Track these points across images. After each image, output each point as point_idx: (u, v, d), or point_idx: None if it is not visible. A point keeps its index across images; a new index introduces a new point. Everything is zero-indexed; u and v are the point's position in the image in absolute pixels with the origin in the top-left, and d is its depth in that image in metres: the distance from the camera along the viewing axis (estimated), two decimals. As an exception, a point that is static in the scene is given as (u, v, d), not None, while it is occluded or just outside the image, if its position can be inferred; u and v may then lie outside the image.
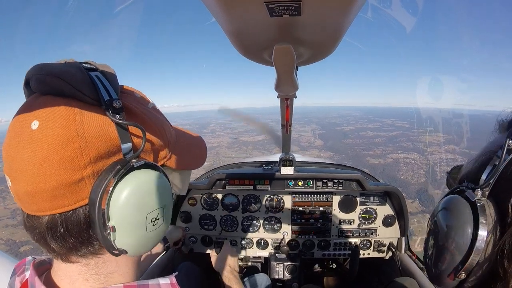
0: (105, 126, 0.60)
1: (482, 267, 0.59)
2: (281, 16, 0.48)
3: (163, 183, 0.69)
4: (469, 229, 0.60)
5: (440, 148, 64.32)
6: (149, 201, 0.65)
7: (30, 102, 0.60)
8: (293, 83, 0.86)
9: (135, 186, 0.62)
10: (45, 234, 0.61)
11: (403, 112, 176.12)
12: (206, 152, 0.97)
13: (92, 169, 0.59)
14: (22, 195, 0.59)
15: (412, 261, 2.29)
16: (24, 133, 0.57)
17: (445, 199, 0.71)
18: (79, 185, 0.59)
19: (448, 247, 0.64)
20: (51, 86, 0.58)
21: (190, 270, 2.07)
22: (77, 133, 0.56)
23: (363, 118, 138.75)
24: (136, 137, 0.65)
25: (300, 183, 2.40)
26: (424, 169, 54.32)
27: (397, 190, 2.35)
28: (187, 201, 2.55)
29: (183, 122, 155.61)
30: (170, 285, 0.72)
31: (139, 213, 0.63)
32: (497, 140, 0.68)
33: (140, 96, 0.74)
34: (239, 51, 0.68)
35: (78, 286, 0.67)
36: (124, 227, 0.62)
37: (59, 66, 0.59)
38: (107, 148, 0.61)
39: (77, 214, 0.61)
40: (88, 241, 0.63)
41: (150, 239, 0.69)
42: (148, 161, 0.67)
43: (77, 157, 0.57)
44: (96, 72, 0.64)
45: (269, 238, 2.59)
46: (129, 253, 0.65)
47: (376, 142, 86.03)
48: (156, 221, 0.68)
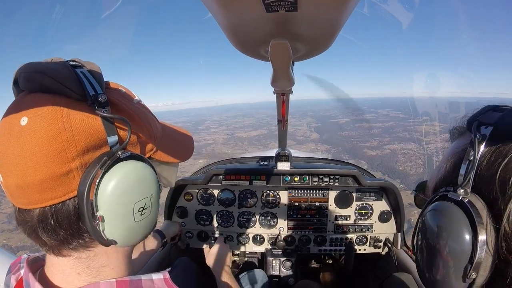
0: (91, 119, 0.62)
1: (487, 263, 0.57)
2: (277, 11, 0.48)
3: (149, 173, 0.71)
4: (467, 232, 0.58)
5: (437, 137, 64.27)
6: (135, 191, 0.67)
7: (19, 100, 0.63)
8: (289, 78, 0.87)
9: (121, 176, 0.64)
10: (36, 227, 0.62)
11: (397, 102, 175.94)
12: (193, 145, 1.00)
13: (80, 161, 0.61)
14: (13, 189, 0.61)
15: (408, 257, 2.30)
16: (14, 129, 0.58)
17: (430, 209, 0.69)
18: (67, 177, 0.61)
19: (447, 251, 0.62)
20: (39, 83, 0.60)
21: (186, 266, 2.07)
22: (64, 126, 0.59)
23: (358, 109, 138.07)
24: (122, 130, 0.68)
25: (296, 179, 2.40)
26: (422, 159, 54.22)
27: (393, 185, 2.36)
28: (183, 196, 2.55)
29: (178, 120, 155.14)
30: (163, 280, 0.73)
31: (126, 202, 0.65)
32: (458, 143, 0.71)
33: (125, 92, 0.76)
34: (235, 46, 0.69)
35: (71, 281, 0.69)
36: (112, 216, 0.64)
37: (46, 64, 0.61)
38: (94, 141, 0.63)
39: (67, 206, 0.62)
40: (79, 233, 0.65)
41: (139, 229, 0.70)
42: (134, 152, 0.69)
43: (65, 149, 0.59)
44: (81, 68, 0.66)
45: (265, 234, 2.59)
46: (118, 243, 0.67)
47: (372, 134, 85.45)
48: (144, 210, 0.69)
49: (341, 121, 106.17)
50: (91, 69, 0.67)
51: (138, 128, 0.73)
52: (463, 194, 0.60)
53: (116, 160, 0.64)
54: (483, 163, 0.60)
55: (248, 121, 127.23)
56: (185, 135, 0.98)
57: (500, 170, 0.56)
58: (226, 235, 2.60)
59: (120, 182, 0.64)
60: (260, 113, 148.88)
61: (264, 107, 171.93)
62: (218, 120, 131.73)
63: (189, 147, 0.98)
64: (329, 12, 0.53)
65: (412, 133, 76.14)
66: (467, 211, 0.59)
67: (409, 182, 44.58)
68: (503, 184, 0.56)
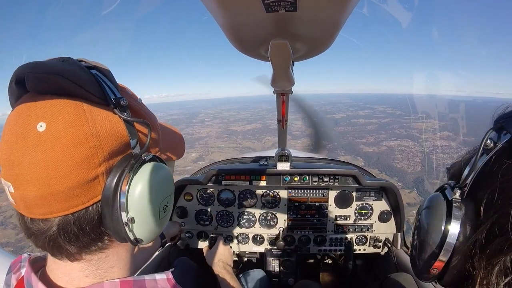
0: (115, 123, 0.62)
1: (455, 263, 0.61)
2: (277, 11, 0.48)
3: (168, 172, 0.74)
4: (442, 225, 0.62)
5: (435, 134, 64.24)
6: (161, 190, 0.70)
7: (28, 103, 0.58)
8: (289, 78, 0.88)
9: (149, 178, 0.65)
10: (56, 236, 0.61)
11: (394, 99, 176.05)
12: (184, 142, 1.03)
13: (106, 166, 0.61)
14: (32, 200, 0.58)
15: (408, 257, 2.29)
16: (30, 135, 0.55)
17: (429, 196, 0.73)
18: (93, 183, 0.60)
19: (426, 242, 0.66)
20: (54, 85, 0.57)
21: (186, 266, 2.07)
22: (91, 132, 0.58)
23: (353, 105, 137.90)
24: (140, 132, 0.69)
25: (296, 179, 2.40)
26: (419, 157, 54.28)
27: (393, 186, 2.36)
28: (183, 196, 2.54)
29: (172, 112, 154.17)
30: (166, 280, 0.74)
31: (155, 202, 0.67)
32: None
33: (131, 93, 0.77)
34: (235, 46, 0.69)
35: (77, 284, 0.68)
36: (142, 217, 0.65)
37: (59, 65, 0.58)
38: (119, 145, 0.63)
39: (90, 211, 0.62)
40: (99, 237, 0.66)
41: (161, 225, 0.73)
42: (154, 154, 0.72)
43: (93, 155, 0.58)
44: (94, 70, 0.65)
45: (265, 234, 2.59)
46: (144, 241, 0.69)
47: (369, 130, 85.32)
48: (166, 208, 0.74)
49: (336, 116, 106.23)
50: (103, 70, 0.67)
51: (152, 130, 0.73)
52: (456, 196, 0.62)
53: (142, 162, 0.66)
54: (484, 172, 0.59)
55: (244, 115, 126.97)
56: (176, 133, 1.00)
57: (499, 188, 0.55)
58: (226, 235, 2.60)
59: (148, 183, 0.65)
60: (256, 107, 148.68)
61: (259, 101, 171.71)
62: (212, 113, 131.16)
63: (182, 144, 1.00)
64: (329, 12, 0.53)
65: (409, 130, 76.21)
66: (449, 213, 0.61)
67: (407, 180, 44.19)
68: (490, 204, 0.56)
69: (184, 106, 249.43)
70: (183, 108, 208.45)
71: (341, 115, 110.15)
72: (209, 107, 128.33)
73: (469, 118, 50.60)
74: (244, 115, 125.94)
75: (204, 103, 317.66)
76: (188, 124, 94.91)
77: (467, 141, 39.37)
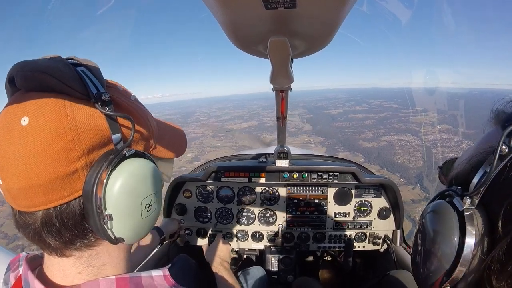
0: (96, 118, 0.62)
1: (468, 279, 0.56)
2: (276, 8, 0.48)
3: (153, 170, 0.72)
4: (456, 238, 0.56)
5: (434, 128, 63.69)
6: (142, 188, 0.68)
7: (16, 100, 0.60)
8: (288, 75, 0.88)
9: (129, 174, 0.64)
10: (40, 230, 0.62)
11: (389, 93, 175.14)
12: (185, 139, 1.02)
13: (85, 160, 0.61)
14: (15, 192, 0.59)
15: (407, 254, 2.31)
16: (14, 129, 0.57)
17: (433, 204, 0.67)
18: (73, 177, 0.60)
19: (433, 253, 0.62)
20: (39, 82, 0.58)
21: (185, 263, 2.06)
22: (69, 126, 0.58)
23: (350, 100, 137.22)
24: (124, 127, 0.68)
25: (295, 176, 2.40)
26: (420, 151, 53.72)
27: (392, 182, 2.36)
28: (182, 194, 2.54)
29: (168, 112, 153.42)
30: (163, 277, 0.74)
31: (134, 199, 0.66)
32: (490, 136, 0.63)
33: (123, 89, 0.76)
34: (234, 43, 0.68)
35: (71, 280, 0.68)
36: (121, 214, 0.64)
37: (45, 63, 0.59)
38: (99, 139, 0.62)
39: (72, 206, 0.62)
40: (83, 233, 0.65)
41: (145, 225, 0.71)
42: (138, 150, 0.70)
43: (71, 149, 0.58)
44: (81, 67, 0.65)
45: (264, 231, 2.60)
46: (126, 241, 0.68)
47: (367, 124, 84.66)
48: (150, 207, 0.71)
49: (333, 112, 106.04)
50: (91, 66, 0.67)
51: (139, 126, 0.73)
52: (467, 206, 0.56)
53: (122, 158, 0.64)
54: (499, 179, 0.53)
55: (239, 113, 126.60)
56: (177, 129, 1.00)
57: None
58: (225, 232, 2.60)
59: (128, 179, 0.64)
60: (252, 105, 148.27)
61: (254, 98, 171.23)
62: (208, 112, 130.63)
63: (183, 141, 1.00)
64: (328, 9, 0.53)
65: (408, 124, 75.63)
66: (463, 224, 0.55)
67: (409, 176, 43.34)
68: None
69: (179, 106, 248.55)
70: (178, 108, 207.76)
71: (337, 111, 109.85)
72: (204, 106, 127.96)
73: (467, 110, 49.70)
74: (239, 113, 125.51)
75: (198, 102, 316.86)
76: (183, 123, 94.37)
77: (466, 133, 38.87)
